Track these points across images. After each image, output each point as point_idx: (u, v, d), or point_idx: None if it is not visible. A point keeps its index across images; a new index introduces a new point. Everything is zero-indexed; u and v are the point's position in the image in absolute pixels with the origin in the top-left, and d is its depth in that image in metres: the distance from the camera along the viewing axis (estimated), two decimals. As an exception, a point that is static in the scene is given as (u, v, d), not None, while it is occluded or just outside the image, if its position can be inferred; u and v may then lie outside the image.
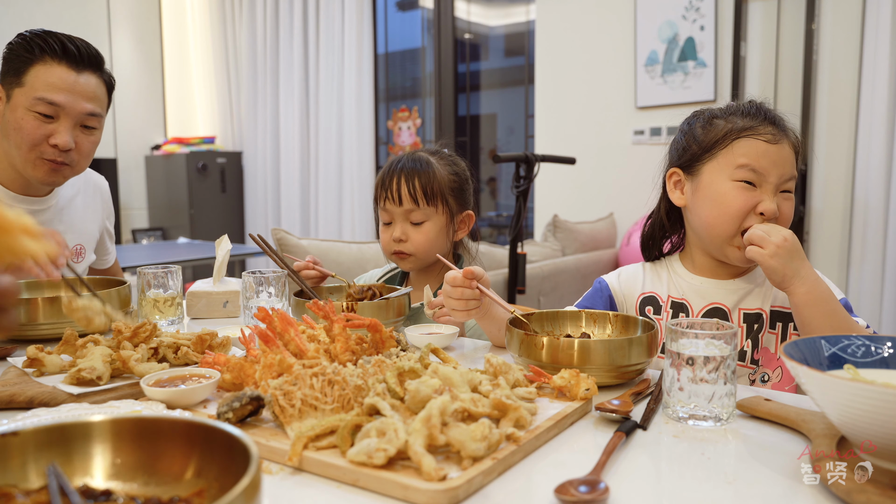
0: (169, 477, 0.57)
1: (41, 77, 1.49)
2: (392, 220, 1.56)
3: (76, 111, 1.51)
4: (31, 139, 1.49)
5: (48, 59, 1.49)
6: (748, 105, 1.25)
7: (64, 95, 1.49)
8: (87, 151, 1.59)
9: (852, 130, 3.31)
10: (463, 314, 1.22)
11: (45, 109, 1.49)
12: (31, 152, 1.51)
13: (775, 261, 1.09)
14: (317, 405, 0.78)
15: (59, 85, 1.49)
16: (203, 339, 1.09)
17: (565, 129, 4.25)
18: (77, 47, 1.52)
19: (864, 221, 3.27)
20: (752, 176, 1.18)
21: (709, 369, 0.84)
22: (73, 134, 1.53)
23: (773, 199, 1.18)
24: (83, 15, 5.46)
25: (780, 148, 1.19)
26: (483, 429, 0.70)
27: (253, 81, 5.69)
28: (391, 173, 1.54)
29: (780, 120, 1.22)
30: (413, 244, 1.53)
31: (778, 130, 1.20)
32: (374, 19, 5.17)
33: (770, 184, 1.18)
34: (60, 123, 1.51)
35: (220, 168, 5.70)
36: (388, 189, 1.53)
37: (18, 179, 1.60)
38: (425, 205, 1.51)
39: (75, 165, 1.58)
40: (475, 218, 1.61)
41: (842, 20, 3.29)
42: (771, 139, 1.19)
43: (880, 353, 0.79)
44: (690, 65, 3.71)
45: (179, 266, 1.52)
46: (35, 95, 1.48)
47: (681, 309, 1.28)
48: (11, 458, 0.57)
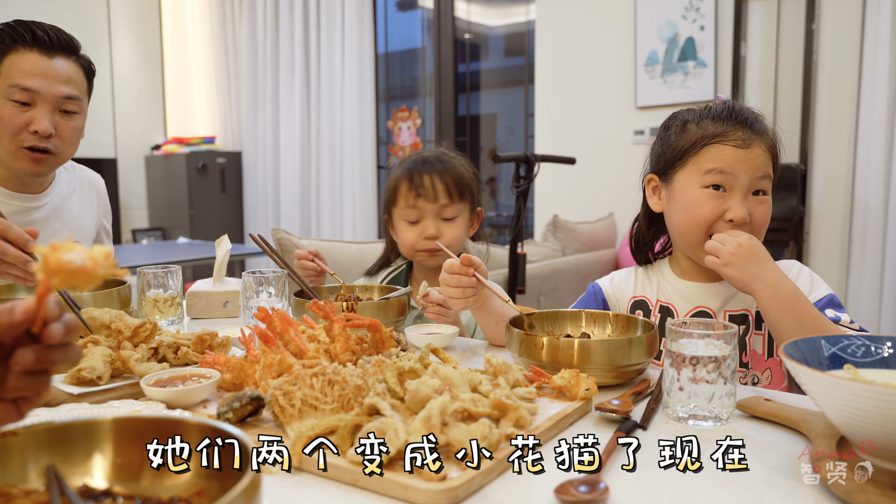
0: (169, 477, 0.57)
1: (15, 65, 1.50)
2: (420, 218, 1.55)
3: (52, 95, 1.52)
4: (11, 128, 1.50)
5: (20, 48, 1.50)
6: (721, 108, 1.23)
7: (38, 81, 1.50)
8: (69, 137, 1.58)
9: (852, 130, 3.31)
10: (460, 302, 1.21)
11: (21, 96, 1.50)
12: (13, 142, 1.52)
13: (730, 269, 1.10)
14: (317, 405, 0.78)
15: (32, 71, 1.50)
16: (203, 339, 1.09)
17: (565, 129, 4.25)
18: (47, 33, 1.53)
19: (864, 221, 3.27)
20: (721, 179, 1.17)
21: (709, 369, 0.84)
22: (52, 119, 1.53)
23: (742, 204, 1.17)
24: (83, 15, 5.46)
25: (749, 152, 1.17)
26: (483, 429, 0.70)
27: (253, 81, 5.69)
28: (419, 172, 1.53)
29: (753, 121, 1.20)
30: (446, 240, 1.52)
31: (750, 133, 1.18)
32: (374, 19, 5.17)
33: (740, 188, 1.17)
34: (38, 110, 1.51)
35: (220, 168, 5.70)
36: (420, 186, 1.52)
37: (10, 176, 1.61)
38: (458, 200, 1.53)
39: (59, 153, 1.57)
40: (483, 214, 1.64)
41: (842, 20, 3.29)
42: (741, 144, 1.17)
43: (880, 353, 0.79)
44: (690, 65, 3.71)
45: (179, 266, 1.52)
46: (9, 83, 1.49)
47: (668, 313, 1.28)
48: (11, 458, 0.57)
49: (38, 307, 0.52)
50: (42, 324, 0.52)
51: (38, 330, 0.53)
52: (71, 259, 0.50)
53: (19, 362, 0.52)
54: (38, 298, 0.52)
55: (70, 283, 0.51)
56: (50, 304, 0.52)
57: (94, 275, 0.51)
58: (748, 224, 1.18)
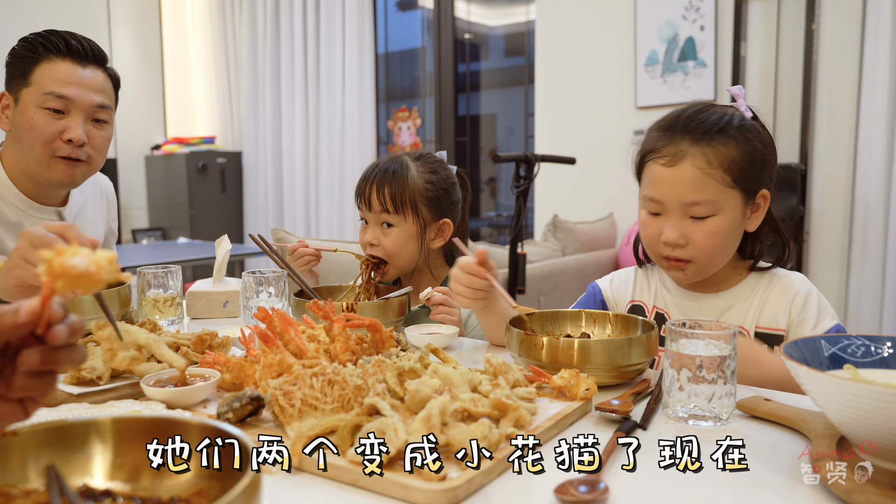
0: (169, 477, 0.57)
1: (48, 74, 1.49)
2: (367, 222, 1.58)
3: (86, 103, 1.52)
4: (44, 136, 1.49)
5: (52, 57, 1.50)
6: (672, 116, 1.16)
7: (72, 88, 1.50)
8: (101, 146, 1.58)
9: (852, 130, 3.31)
10: (468, 302, 1.19)
11: (56, 104, 1.49)
12: (45, 151, 1.50)
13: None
14: (317, 405, 0.78)
15: (67, 79, 1.50)
16: (203, 339, 1.09)
17: (565, 128, 4.25)
18: (80, 43, 1.53)
19: (865, 221, 3.27)
20: (654, 207, 1.14)
21: (709, 369, 0.84)
22: (85, 128, 1.53)
23: (675, 225, 1.12)
24: (83, 15, 5.46)
25: (676, 171, 1.10)
26: (483, 429, 0.70)
27: (253, 81, 5.69)
28: (366, 177, 1.56)
29: (697, 129, 1.10)
30: (384, 248, 1.53)
31: (683, 147, 1.10)
32: (374, 19, 5.17)
33: (672, 211, 1.12)
34: (71, 118, 1.51)
35: (220, 168, 5.70)
36: (362, 193, 1.56)
37: (36, 190, 1.58)
38: (394, 212, 1.52)
39: (91, 162, 1.57)
40: (453, 227, 1.58)
41: (842, 20, 3.29)
42: (667, 162, 1.11)
43: (880, 353, 0.79)
44: (690, 65, 3.71)
45: (179, 266, 1.51)
46: (44, 91, 1.48)
47: (662, 320, 1.26)
48: (11, 458, 0.57)
49: (43, 309, 0.52)
50: (46, 325, 0.53)
51: (42, 331, 0.53)
52: (75, 263, 0.50)
53: (25, 363, 0.53)
54: (42, 300, 0.52)
55: (74, 287, 0.51)
56: (54, 305, 0.53)
57: (99, 279, 0.51)
58: (688, 246, 1.12)
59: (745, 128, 1.12)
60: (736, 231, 1.15)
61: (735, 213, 1.12)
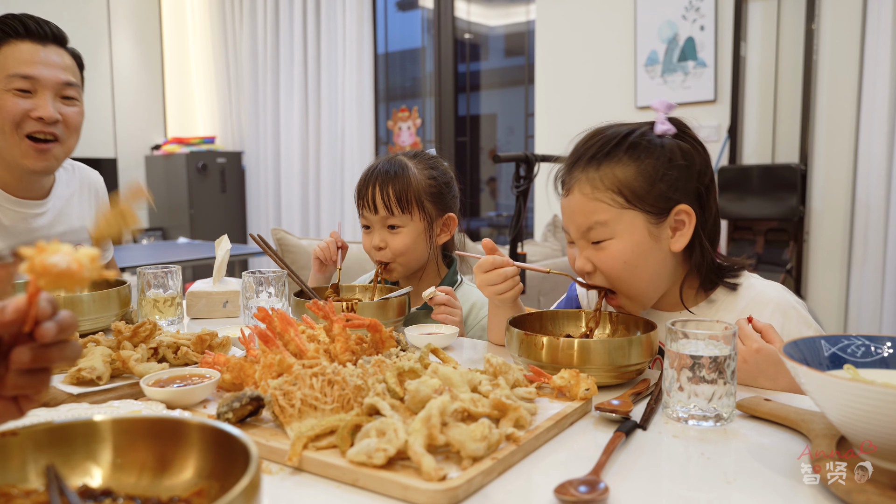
0: (169, 477, 0.57)
1: (10, 56, 1.50)
2: (371, 227, 1.57)
3: (52, 81, 1.52)
4: (13, 117, 1.50)
5: (12, 41, 1.51)
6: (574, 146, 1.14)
7: (37, 68, 1.51)
8: (74, 124, 1.58)
9: (853, 130, 3.31)
10: (512, 293, 1.19)
11: (22, 84, 1.50)
12: (16, 133, 1.51)
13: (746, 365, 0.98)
14: (317, 405, 0.78)
15: (30, 59, 1.51)
16: (203, 339, 1.09)
17: (565, 128, 4.22)
18: (38, 24, 1.54)
19: (865, 222, 3.27)
20: (568, 236, 1.14)
21: (709, 369, 0.84)
22: (56, 106, 1.53)
23: (581, 253, 1.10)
24: (83, 15, 5.46)
25: (569, 200, 1.10)
26: (483, 429, 0.70)
27: (253, 81, 5.69)
28: (366, 181, 1.55)
29: (584, 154, 1.09)
30: (391, 251, 1.53)
31: (575, 174, 1.09)
32: (374, 19, 5.17)
33: (577, 239, 1.11)
34: (40, 97, 1.52)
35: (220, 168, 5.70)
36: (364, 197, 1.55)
37: (14, 182, 1.59)
38: (400, 212, 1.51)
39: (64, 141, 1.57)
40: (458, 220, 1.60)
41: (842, 20, 3.29)
42: (564, 192, 1.12)
43: (880, 353, 0.79)
44: (690, 65, 3.71)
45: (179, 266, 1.52)
46: (8, 73, 1.49)
47: None
48: (11, 458, 0.57)
49: (29, 306, 0.52)
50: (33, 323, 0.53)
51: (29, 329, 0.53)
52: (56, 262, 0.50)
53: (16, 360, 0.53)
54: (28, 298, 0.52)
55: (56, 286, 0.51)
56: (42, 302, 0.52)
57: (80, 277, 0.51)
58: (596, 273, 1.10)
59: (639, 146, 1.07)
60: (647, 253, 1.07)
61: (637, 235, 1.06)
